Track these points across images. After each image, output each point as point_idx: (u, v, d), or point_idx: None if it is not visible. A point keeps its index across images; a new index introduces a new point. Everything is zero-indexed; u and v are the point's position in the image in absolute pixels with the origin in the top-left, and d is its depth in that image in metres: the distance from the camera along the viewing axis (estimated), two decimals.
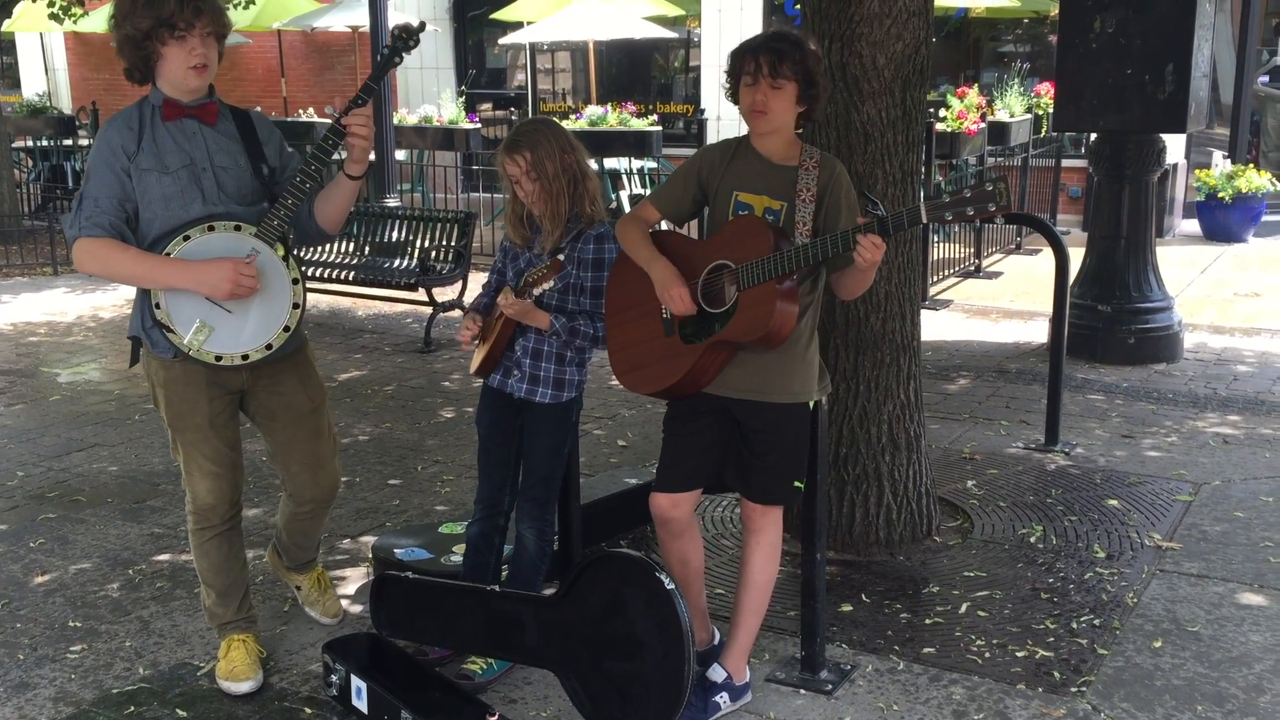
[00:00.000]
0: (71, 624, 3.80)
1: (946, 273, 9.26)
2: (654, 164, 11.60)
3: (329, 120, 13.53)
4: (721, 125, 11.80)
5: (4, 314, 8.80)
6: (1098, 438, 5.51)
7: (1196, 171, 11.27)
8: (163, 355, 3.16)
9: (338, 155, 3.24)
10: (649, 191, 11.26)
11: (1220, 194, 10.74)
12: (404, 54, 3.15)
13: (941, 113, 9.32)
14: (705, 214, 3.24)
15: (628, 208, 10.83)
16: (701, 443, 3.15)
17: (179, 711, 3.27)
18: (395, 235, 8.27)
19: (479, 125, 11.96)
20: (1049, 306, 5.60)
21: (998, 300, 8.69)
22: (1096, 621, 3.69)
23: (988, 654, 3.50)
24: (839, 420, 4.18)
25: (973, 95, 9.62)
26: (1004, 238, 10.53)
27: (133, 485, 5.11)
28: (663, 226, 3.22)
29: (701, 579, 3.37)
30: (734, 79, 3.05)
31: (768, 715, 3.21)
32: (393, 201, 9.99)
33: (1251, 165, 11.26)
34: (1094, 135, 7.27)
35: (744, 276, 2.92)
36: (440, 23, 15.19)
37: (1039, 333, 7.54)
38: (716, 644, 3.43)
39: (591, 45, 13.28)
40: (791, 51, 2.95)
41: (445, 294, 7.99)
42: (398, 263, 8.10)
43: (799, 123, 3.09)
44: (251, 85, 15.94)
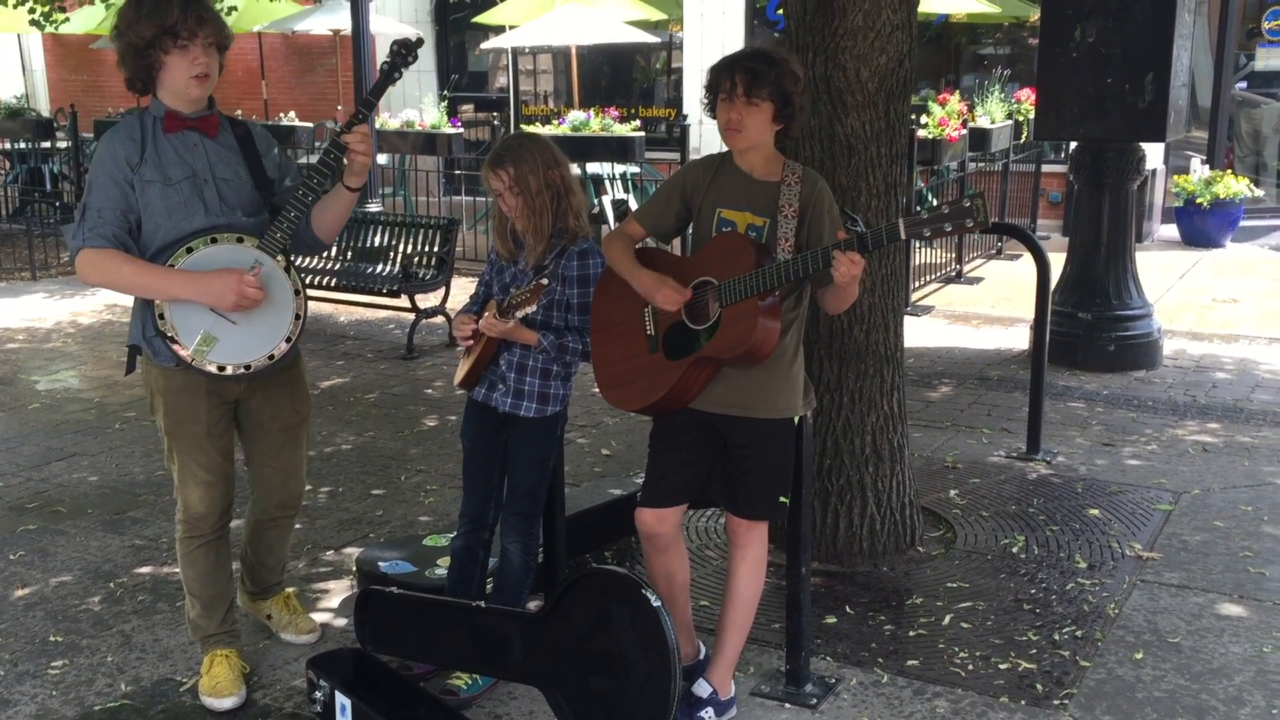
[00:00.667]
0: (52, 639, 3.78)
1: (928, 278, 9.30)
2: (636, 169, 11.60)
3: (309, 124, 13.55)
4: (704, 130, 11.80)
5: None
6: (1079, 446, 5.54)
7: (1175, 177, 11.35)
8: (165, 364, 3.18)
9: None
10: (631, 196, 11.28)
11: (1198, 199, 10.82)
12: (403, 69, 3.18)
13: (923, 119, 9.35)
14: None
15: (610, 212, 10.83)
16: (687, 458, 3.16)
17: None
18: (377, 241, 8.25)
19: (461, 129, 11.94)
20: (1030, 312, 5.64)
21: (979, 306, 8.74)
22: (1079, 633, 3.71)
23: (971, 666, 3.52)
24: (823, 432, 4.19)
25: (954, 102, 9.66)
26: (985, 243, 10.58)
27: (113, 496, 5.08)
28: (649, 244, 3.23)
29: (687, 593, 3.38)
30: (712, 94, 3.07)
31: None
32: (375, 207, 9.96)
33: (1229, 170, 11.35)
34: (1074, 143, 7.31)
35: (726, 293, 2.93)
36: (422, 26, 15.16)
37: (1020, 339, 7.58)
38: (701, 658, 3.44)
39: (574, 49, 13.26)
40: (767, 71, 2.96)
41: (428, 300, 7.97)
42: (380, 269, 8.08)
43: (778, 140, 3.10)
44: (232, 88, 15.84)
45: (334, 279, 8.07)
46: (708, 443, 3.14)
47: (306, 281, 8.05)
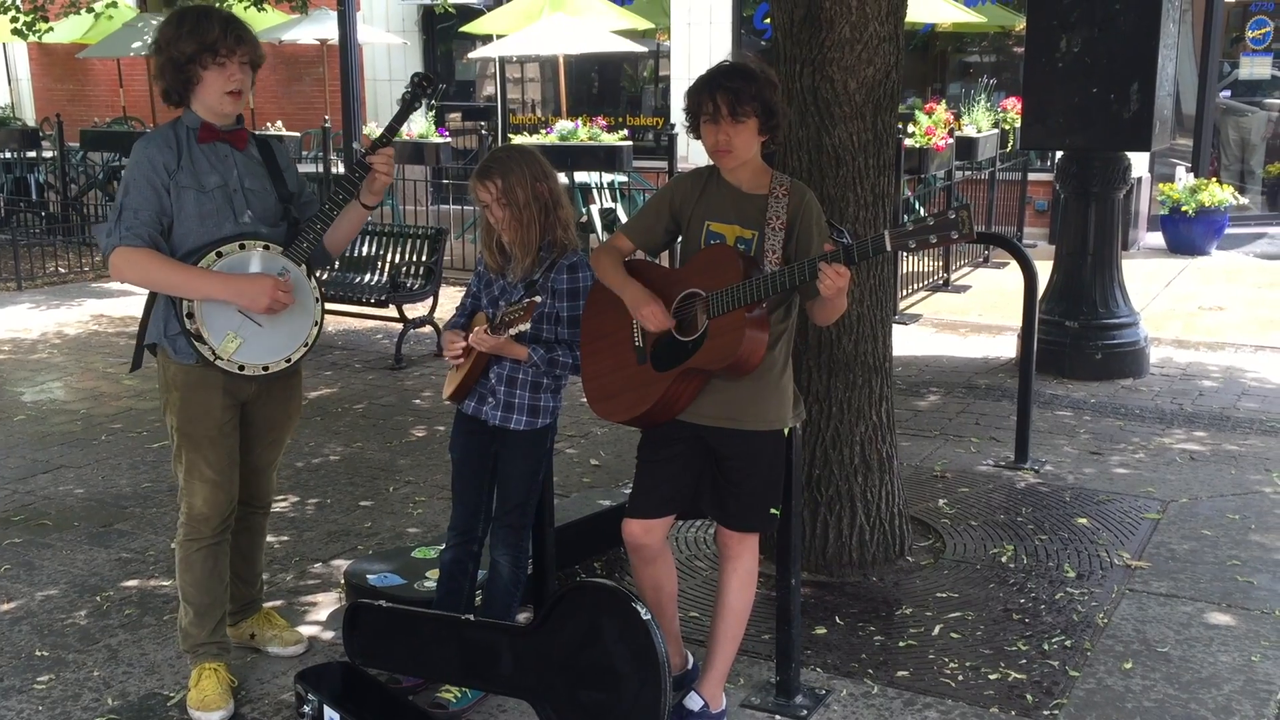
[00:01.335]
0: (38, 653, 3.75)
1: (915, 287, 9.32)
2: (624, 178, 11.62)
3: (296, 134, 13.55)
4: (691, 139, 11.82)
5: None
6: (1067, 454, 5.56)
7: (1160, 185, 11.40)
8: (185, 361, 3.28)
9: None
10: (619, 205, 11.28)
11: (1184, 207, 10.87)
12: (422, 100, 3.36)
13: (910, 128, 9.38)
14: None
15: (598, 221, 10.83)
16: (675, 469, 3.16)
17: None
18: (365, 251, 8.23)
19: (449, 139, 11.93)
20: (1017, 320, 5.65)
21: (966, 314, 8.76)
22: (1068, 642, 3.72)
23: (961, 676, 3.52)
24: (812, 442, 4.19)
25: (940, 110, 9.69)
26: (972, 251, 10.62)
27: (100, 508, 5.05)
28: (639, 256, 3.23)
29: (675, 604, 3.37)
30: (693, 117, 3.07)
31: None
32: None
33: (1214, 178, 11.41)
34: (1060, 153, 7.34)
35: (713, 305, 2.93)
36: (409, 35, 15.16)
37: (1007, 347, 7.59)
38: (691, 668, 3.44)
39: (561, 58, 13.28)
40: (748, 87, 2.97)
41: (416, 310, 7.96)
42: (368, 278, 8.07)
43: (761, 149, 3.11)
44: None
45: (321, 288, 8.03)
46: (696, 454, 3.14)
47: None
